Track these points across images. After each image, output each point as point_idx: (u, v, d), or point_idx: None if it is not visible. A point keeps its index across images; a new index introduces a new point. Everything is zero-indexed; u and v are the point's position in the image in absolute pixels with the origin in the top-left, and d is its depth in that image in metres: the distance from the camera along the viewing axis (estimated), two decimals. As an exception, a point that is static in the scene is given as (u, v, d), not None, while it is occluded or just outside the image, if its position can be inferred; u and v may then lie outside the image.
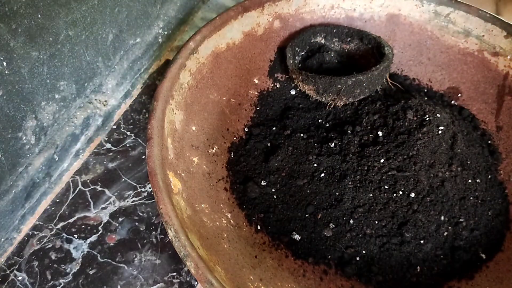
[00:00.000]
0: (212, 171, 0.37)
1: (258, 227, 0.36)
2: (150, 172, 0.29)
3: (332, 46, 0.45)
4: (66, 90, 0.37)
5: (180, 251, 0.26)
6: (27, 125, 0.34)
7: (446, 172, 0.36)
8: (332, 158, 0.38)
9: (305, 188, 0.37)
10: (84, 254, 0.37)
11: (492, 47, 0.43)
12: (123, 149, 0.43)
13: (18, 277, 0.35)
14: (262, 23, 0.44)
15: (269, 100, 0.45)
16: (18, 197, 0.36)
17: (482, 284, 0.34)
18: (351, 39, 0.45)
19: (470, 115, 0.45)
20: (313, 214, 0.36)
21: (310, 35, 0.45)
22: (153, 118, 0.32)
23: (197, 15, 0.57)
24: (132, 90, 0.48)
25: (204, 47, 0.39)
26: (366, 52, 0.44)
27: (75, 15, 0.35)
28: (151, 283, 0.36)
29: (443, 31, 0.45)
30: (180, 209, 0.30)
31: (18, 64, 0.31)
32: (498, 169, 0.41)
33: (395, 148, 0.37)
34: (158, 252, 0.37)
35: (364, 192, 0.35)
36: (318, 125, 0.42)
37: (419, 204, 0.35)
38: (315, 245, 0.35)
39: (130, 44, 0.44)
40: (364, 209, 0.35)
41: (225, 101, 0.41)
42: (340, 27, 0.45)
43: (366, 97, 0.42)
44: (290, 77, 0.45)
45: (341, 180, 0.36)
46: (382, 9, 0.46)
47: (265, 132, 0.42)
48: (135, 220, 0.39)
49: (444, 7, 0.45)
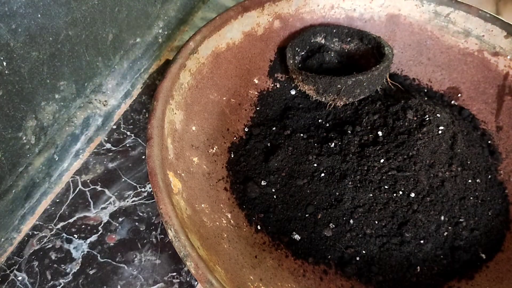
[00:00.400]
0: (212, 171, 0.37)
1: (258, 227, 0.36)
2: (150, 172, 0.29)
3: (332, 46, 0.45)
4: (66, 90, 0.37)
5: (180, 251, 0.26)
6: (27, 125, 0.34)
7: (446, 172, 0.36)
8: (332, 158, 0.38)
9: (305, 188, 0.37)
10: (84, 254, 0.37)
11: (492, 47, 0.43)
12: (123, 149, 0.43)
13: (18, 277, 0.35)
14: (262, 23, 0.44)
15: (269, 100, 0.45)
16: (18, 197, 0.36)
17: (482, 284, 0.34)
18: (351, 39, 0.45)
19: (470, 115, 0.45)
20: (313, 214, 0.36)
21: (310, 35, 0.45)
22: (153, 118, 0.32)
23: (197, 15, 0.57)
24: (132, 90, 0.48)
25: (204, 47, 0.39)
26: (366, 52, 0.44)
27: (75, 15, 0.35)
28: (151, 283, 0.36)
29: (443, 31, 0.45)
30: (180, 209, 0.30)
31: (18, 64, 0.31)
32: (498, 169, 0.41)
33: (395, 148, 0.37)
34: (158, 252, 0.37)
35: (364, 192, 0.35)
36: (318, 125, 0.42)
37: (419, 204, 0.35)
38: (315, 245, 0.35)
39: (130, 44, 0.44)
40: (364, 209, 0.35)
41: (225, 101, 0.41)
42: (340, 27, 0.45)
43: (366, 97, 0.42)
44: (290, 77, 0.45)
45: (341, 180, 0.36)
46: (382, 9, 0.46)
47: (265, 132, 0.42)
48: (135, 220, 0.39)
49: (444, 7, 0.45)
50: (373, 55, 0.43)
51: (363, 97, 0.41)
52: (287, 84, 0.46)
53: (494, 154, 0.42)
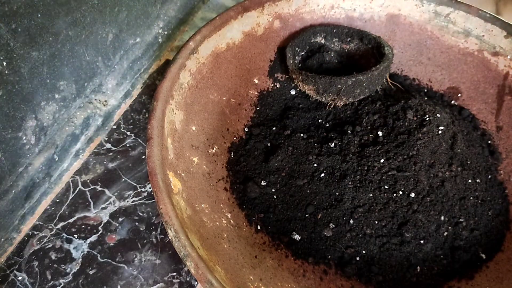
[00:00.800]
0: (212, 171, 0.37)
1: (258, 227, 0.36)
2: (150, 172, 0.29)
3: (332, 46, 0.45)
4: (66, 90, 0.37)
5: (180, 251, 0.26)
6: (27, 125, 0.34)
7: (446, 172, 0.36)
8: (332, 158, 0.38)
9: (305, 188, 0.37)
10: (84, 254, 0.37)
11: (492, 47, 0.43)
12: (123, 149, 0.43)
13: (18, 277, 0.35)
14: (262, 23, 0.44)
15: (269, 100, 0.45)
16: (18, 197, 0.36)
17: (482, 284, 0.34)
18: (351, 39, 0.45)
19: (470, 115, 0.45)
20: (313, 214, 0.36)
21: (310, 35, 0.45)
22: (153, 118, 0.32)
23: (197, 15, 0.57)
24: (132, 90, 0.48)
25: (204, 47, 0.39)
26: (366, 52, 0.44)
27: (75, 14, 0.35)
28: (151, 283, 0.36)
29: (443, 31, 0.45)
30: (180, 209, 0.30)
31: (18, 64, 0.31)
32: (498, 169, 0.41)
33: (395, 148, 0.37)
34: (158, 252, 0.37)
35: (364, 192, 0.35)
36: (318, 125, 0.42)
37: (419, 204, 0.35)
38: (315, 245, 0.35)
39: (130, 44, 0.44)
40: (364, 209, 0.35)
41: (225, 101, 0.41)
42: (340, 27, 0.45)
43: (366, 97, 0.42)
44: (290, 77, 0.45)
45: (341, 180, 0.36)
46: (382, 9, 0.46)
47: (265, 132, 0.42)
48: (135, 220, 0.39)
49: (444, 7, 0.45)
50: (373, 55, 0.43)
51: (363, 97, 0.41)
52: (287, 84, 0.46)
53: (494, 154, 0.42)
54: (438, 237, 0.35)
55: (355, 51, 0.45)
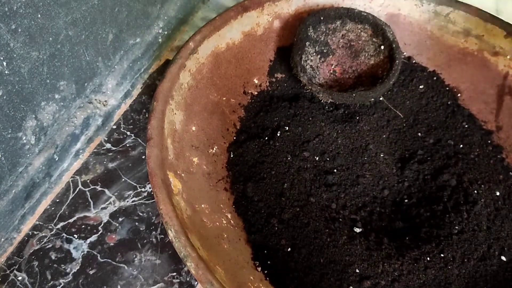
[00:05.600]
0: (212, 171, 0.37)
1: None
2: (150, 172, 0.29)
3: (325, 37, 0.45)
4: (66, 90, 0.37)
5: (181, 252, 0.26)
6: (27, 125, 0.34)
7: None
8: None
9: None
10: (84, 254, 0.37)
11: (492, 47, 0.43)
12: (123, 149, 0.43)
13: (18, 277, 0.35)
14: (261, 23, 0.44)
15: (269, 100, 0.45)
16: (18, 197, 0.36)
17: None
18: (337, 20, 0.44)
19: (470, 115, 0.45)
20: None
21: (304, 39, 0.44)
22: (153, 118, 0.32)
23: (197, 15, 0.57)
24: (132, 90, 0.48)
25: (204, 47, 0.39)
26: (366, 38, 0.44)
27: (75, 15, 0.35)
28: (151, 283, 0.36)
29: (443, 31, 0.45)
30: (180, 209, 0.30)
31: (18, 64, 0.31)
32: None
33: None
34: (158, 252, 0.37)
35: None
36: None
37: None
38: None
39: (130, 44, 0.44)
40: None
41: (225, 101, 0.41)
42: (325, 10, 0.43)
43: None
44: (295, 77, 0.45)
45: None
46: (382, 9, 0.46)
47: (265, 132, 0.41)
48: (135, 220, 0.39)
49: (444, 7, 0.45)
50: (374, 42, 0.43)
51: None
52: (288, 83, 0.46)
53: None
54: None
55: (355, 38, 0.45)
